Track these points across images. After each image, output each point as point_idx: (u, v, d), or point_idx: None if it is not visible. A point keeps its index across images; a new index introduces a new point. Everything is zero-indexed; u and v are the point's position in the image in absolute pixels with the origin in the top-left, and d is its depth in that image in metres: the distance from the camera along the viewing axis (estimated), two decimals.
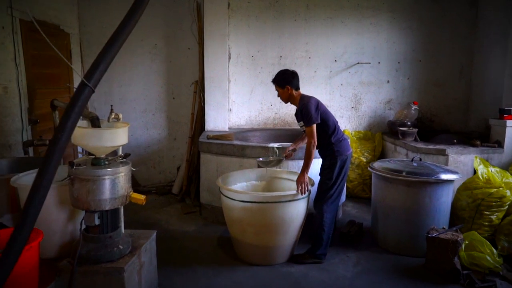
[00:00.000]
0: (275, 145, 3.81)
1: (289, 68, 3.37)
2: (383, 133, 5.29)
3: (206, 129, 4.98)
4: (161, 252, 2.98)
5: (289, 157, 3.53)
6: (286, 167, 3.85)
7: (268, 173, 3.72)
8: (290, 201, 3.02)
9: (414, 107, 4.92)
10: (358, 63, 5.26)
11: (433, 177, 3.23)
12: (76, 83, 4.92)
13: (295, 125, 5.52)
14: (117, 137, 2.24)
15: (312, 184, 3.21)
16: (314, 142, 3.10)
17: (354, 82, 5.33)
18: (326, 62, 5.28)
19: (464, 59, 5.24)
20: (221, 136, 4.28)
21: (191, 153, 5.12)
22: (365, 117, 5.42)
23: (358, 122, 5.44)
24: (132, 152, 5.53)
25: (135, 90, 5.31)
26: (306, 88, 5.36)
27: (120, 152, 2.49)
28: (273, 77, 3.34)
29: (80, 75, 1.62)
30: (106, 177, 2.19)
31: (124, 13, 1.55)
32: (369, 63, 5.25)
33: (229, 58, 5.19)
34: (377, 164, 3.68)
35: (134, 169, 2.48)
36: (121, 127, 2.30)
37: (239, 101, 5.34)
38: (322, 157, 3.37)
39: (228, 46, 5.05)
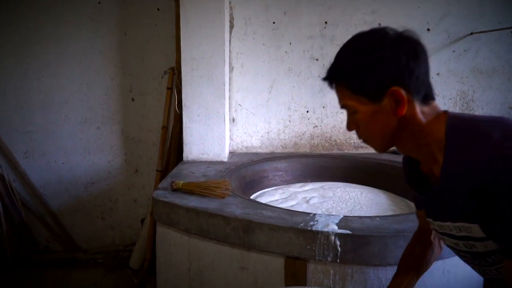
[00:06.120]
0: (334, 227, 1.44)
1: (361, 32, 0.92)
2: None
3: (184, 158, 2.66)
4: None
5: None
6: (363, 284, 1.46)
7: None
8: None
9: None
10: (472, 33, 2.82)
11: None
12: None
13: (351, 147, 3.10)
14: None
15: None
16: None
17: (461, 69, 2.89)
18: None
19: None
20: (200, 186, 1.91)
21: None
22: None
23: None
24: (65, 191, 3.24)
25: (66, 85, 3.00)
26: None
27: None
28: (331, 63, 0.93)
29: None
30: None
31: None
32: (496, 30, 2.77)
33: (231, 26, 2.85)
34: None
35: None
36: None
37: (250, 104, 2.98)
38: None
39: (228, 3, 2.72)
